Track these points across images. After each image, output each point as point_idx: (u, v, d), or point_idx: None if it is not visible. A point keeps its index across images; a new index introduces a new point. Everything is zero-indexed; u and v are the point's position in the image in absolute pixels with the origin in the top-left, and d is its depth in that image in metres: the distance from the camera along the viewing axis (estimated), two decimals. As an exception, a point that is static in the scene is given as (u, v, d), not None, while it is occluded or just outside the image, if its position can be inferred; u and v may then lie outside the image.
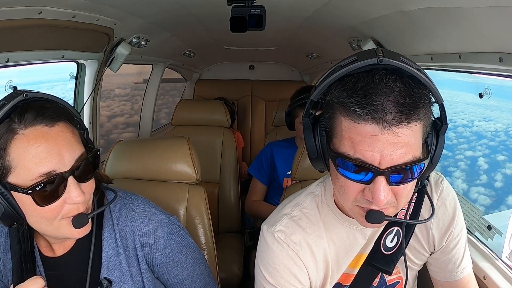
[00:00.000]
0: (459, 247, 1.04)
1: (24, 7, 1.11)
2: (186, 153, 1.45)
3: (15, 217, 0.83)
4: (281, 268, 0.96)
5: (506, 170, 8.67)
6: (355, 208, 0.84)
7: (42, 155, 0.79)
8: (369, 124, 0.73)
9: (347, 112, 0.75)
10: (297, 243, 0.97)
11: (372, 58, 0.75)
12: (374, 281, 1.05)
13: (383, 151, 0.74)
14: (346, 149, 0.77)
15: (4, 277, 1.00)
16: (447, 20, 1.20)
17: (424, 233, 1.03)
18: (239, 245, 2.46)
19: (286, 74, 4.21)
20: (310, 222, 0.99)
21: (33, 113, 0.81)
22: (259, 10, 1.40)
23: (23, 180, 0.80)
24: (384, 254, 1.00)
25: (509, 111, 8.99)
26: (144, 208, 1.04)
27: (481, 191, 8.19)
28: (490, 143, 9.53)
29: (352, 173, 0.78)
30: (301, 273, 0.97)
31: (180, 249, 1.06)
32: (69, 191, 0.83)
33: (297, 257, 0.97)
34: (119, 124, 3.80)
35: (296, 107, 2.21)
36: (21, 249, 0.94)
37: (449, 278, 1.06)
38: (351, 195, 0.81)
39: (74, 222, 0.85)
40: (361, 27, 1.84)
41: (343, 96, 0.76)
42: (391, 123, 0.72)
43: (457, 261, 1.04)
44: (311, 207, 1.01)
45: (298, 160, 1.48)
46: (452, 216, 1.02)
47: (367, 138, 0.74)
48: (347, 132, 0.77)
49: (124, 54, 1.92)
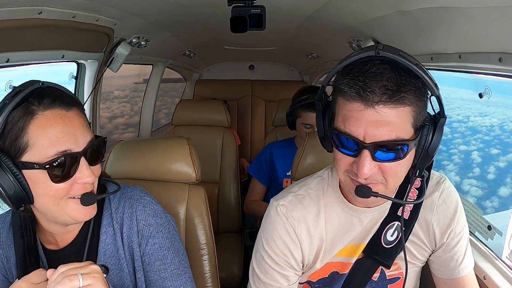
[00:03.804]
0: (460, 245, 1.08)
1: (24, 7, 1.11)
2: (186, 153, 1.45)
3: (24, 198, 0.86)
4: (278, 239, 1.06)
5: (499, 163, 8.84)
6: (347, 180, 0.93)
7: (60, 135, 0.85)
8: (356, 102, 0.84)
9: (341, 92, 0.87)
10: (295, 218, 1.06)
11: (371, 51, 0.85)
12: (374, 276, 1.09)
13: (367, 127, 0.84)
14: (339, 124, 0.89)
15: (8, 272, 1.01)
16: (447, 20, 1.21)
17: (425, 229, 1.07)
18: (239, 245, 2.46)
19: (286, 74, 4.21)
20: (312, 202, 1.08)
21: (51, 98, 0.87)
22: (259, 10, 1.40)
23: (40, 158, 0.84)
24: (384, 247, 1.06)
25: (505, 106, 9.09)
26: (142, 195, 1.06)
27: (473, 183, 8.42)
28: (485, 137, 9.69)
29: (342, 147, 0.89)
30: (295, 247, 1.06)
31: (167, 246, 1.04)
32: (81, 171, 0.88)
33: (294, 232, 1.06)
34: (119, 125, 3.80)
35: (298, 107, 2.21)
36: (24, 243, 0.95)
37: (451, 276, 1.10)
38: (342, 167, 0.92)
39: (83, 199, 0.90)
40: (361, 27, 1.84)
41: (341, 79, 0.87)
42: (374, 101, 0.82)
43: (459, 259, 1.08)
44: (316, 189, 1.09)
45: (298, 160, 1.48)
46: (453, 214, 1.07)
47: (353, 113, 0.84)
48: (340, 110, 0.88)
49: (124, 54, 1.92)
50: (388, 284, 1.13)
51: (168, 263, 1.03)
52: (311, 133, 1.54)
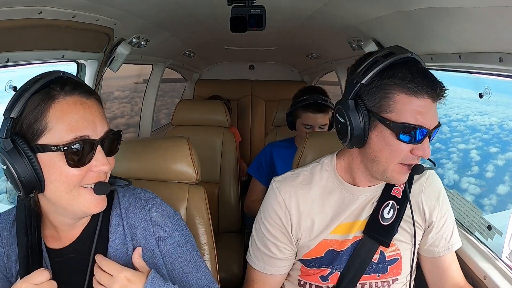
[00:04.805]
0: (447, 225, 1.24)
1: (24, 7, 1.11)
2: (186, 153, 1.45)
3: (35, 183, 0.85)
4: (271, 211, 1.20)
5: (498, 161, 8.89)
6: (396, 167, 1.04)
7: (80, 120, 0.86)
8: (424, 98, 0.98)
9: (410, 90, 0.97)
10: (287, 192, 1.19)
11: (406, 53, 1.02)
12: (374, 257, 1.17)
13: (432, 118, 1.00)
14: (409, 119, 0.98)
15: (8, 271, 0.99)
16: (447, 20, 1.21)
17: (416, 210, 1.21)
18: (239, 245, 2.45)
19: (286, 74, 4.21)
20: (305, 181, 1.20)
21: (73, 85, 0.89)
22: (259, 10, 1.40)
23: (57, 141, 0.85)
24: (382, 224, 1.16)
25: (504, 105, 9.11)
26: (152, 197, 1.07)
27: (472, 181, 8.50)
28: (484, 136, 9.74)
29: (409, 137, 0.99)
30: (286, 219, 1.18)
31: (184, 243, 1.06)
32: (97, 158, 0.89)
33: (284, 205, 1.18)
34: (120, 125, 3.79)
35: (299, 108, 2.21)
36: (28, 241, 0.94)
37: (442, 253, 1.24)
38: (399, 156, 1.02)
39: (96, 188, 0.90)
40: (361, 27, 1.84)
41: (401, 78, 0.98)
42: (439, 95, 0.99)
43: (447, 237, 1.24)
44: (311, 172, 1.22)
45: (298, 160, 1.48)
46: (438, 195, 1.23)
47: (424, 108, 0.98)
48: (408, 106, 0.98)
49: (124, 54, 1.92)
50: (388, 265, 1.20)
51: (188, 258, 1.06)
52: (311, 133, 1.54)
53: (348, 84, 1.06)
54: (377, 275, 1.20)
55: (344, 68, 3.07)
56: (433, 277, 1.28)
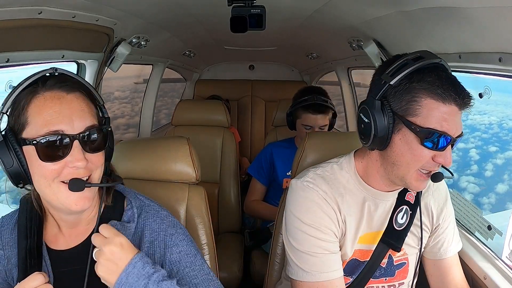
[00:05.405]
0: (450, 227, 1.25)
1: (24, 7, 1.11)
2: (186, 153, 1.45)
3: (22, 174, 0.89)
4: (313, 207, 1.10)
5: (497, 160, 8.91)
6: (415, 174, 1.02)
7: (54, 115, 0.87)
8: (451, 105, 0.96)
9: (438, 96, 0.96)
10: (324, 190, 1.11)
11: (435, 59, 1.00)
12: (382, 262, 1.17)
13: (457, 126, 0.98)
14: (434, 125, 0.96)
15: (8, 273, 0.99)
16: (447, 20, 1.21)
17: (425, 212, 1.21)
18: (239, 245, 2.45)
19: (286, 74, 4.21)
20: (332, 180, 1.14)
21: (55, 80, 0.90)
22: (259, 10, 1.40)
23: (33, 135, 0.87)
24: (395, 229, 1.16)
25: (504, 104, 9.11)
26: (158, 210, 1.06)
27: (471, 180, 8.53)
28: (483, 135, 9.74)
29: (433, 143, 0.98)
30: (330, 211, 1.10)
31: (194, 253, 1.03)
32: (72, 154, 0.87)
33: (325, 200, 1.10)
34: (120, 126, 3.80)
35: (299, 108, 2.21)
36: (27, 244, 0.94)
37: (444, 255, 1.25)
38: (420, 162, 1.00)
39: (70, 184, 0.88)
40: (361, 27, 1.84)
41: (430, 82, 0.96)
42: (465, 104, 0.97)
43: (450, 239, 1.25)
44: (331, 172, 1.16)
45: (298, 160, 1.48)
46: (445, 198, 1.25)
47: (450, 116, 0.96)
48: (434, 111, 0.96)
49: (124, 54, 1.92)
50: (396, 269, 1.20)
51: (197, 269, 1.01)
52: (311, 133, 1.54)
53: (375, 84, 1.03)
54: (385, 279, 1.19)
55: (344, 68, 3.07)
56: (435, 280, 1.27)
